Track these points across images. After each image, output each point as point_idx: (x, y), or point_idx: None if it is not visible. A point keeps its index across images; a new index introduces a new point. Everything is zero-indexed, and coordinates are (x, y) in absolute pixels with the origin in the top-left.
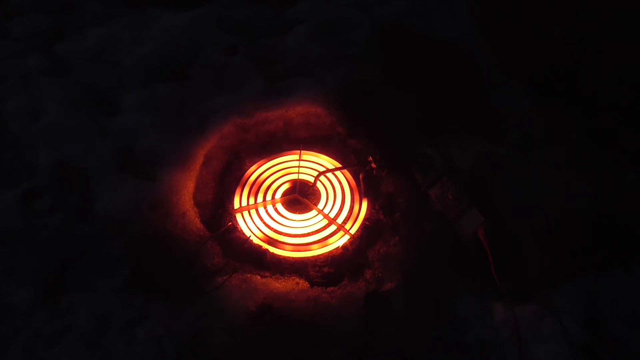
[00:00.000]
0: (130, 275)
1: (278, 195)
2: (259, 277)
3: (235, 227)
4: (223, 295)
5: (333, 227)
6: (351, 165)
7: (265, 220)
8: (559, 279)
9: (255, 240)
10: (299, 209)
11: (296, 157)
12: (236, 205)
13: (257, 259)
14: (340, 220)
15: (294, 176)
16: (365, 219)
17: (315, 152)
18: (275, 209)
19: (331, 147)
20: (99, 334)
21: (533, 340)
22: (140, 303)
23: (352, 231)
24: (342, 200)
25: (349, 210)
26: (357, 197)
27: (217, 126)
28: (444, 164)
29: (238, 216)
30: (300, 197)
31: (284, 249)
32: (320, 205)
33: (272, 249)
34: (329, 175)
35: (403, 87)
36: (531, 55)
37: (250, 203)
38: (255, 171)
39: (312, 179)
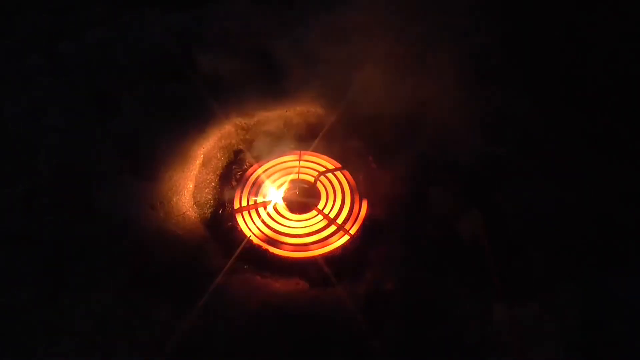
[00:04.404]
0: (130, 275)
1: (278, 195)
2: (259, 277)
3: (235, 227)
4: (223, 295)
5: (333, 227)
6: (351, 165)
7: (265, 220)
8: (559, 279)
9: (255, 240)
10: (299, 209)
11: (296, 157)
12: (236, 205)
13: (257, 259)
14: (340, 220)
15: (294, 176)
16: (365, 219)
17: (315, 152)
18: (275, 209)
19: (331, 147)
20: (99, 334)
21: (533, 339)
22: (140, 303)
23: (352, 231)
24: (342, 201)
25: (349, 210)
26: (357, 197)
27: (217, 126)
28: (444, 164)
29: (238, 216)
30: (301, 197)
31: (284, 249)
32: (320, 206)
33: (272, 249)
34: (329, 175)
35: (404, 86)
36: (531, 56)
37: (250, 203)
38: (256, 171)
39: (312, 179)
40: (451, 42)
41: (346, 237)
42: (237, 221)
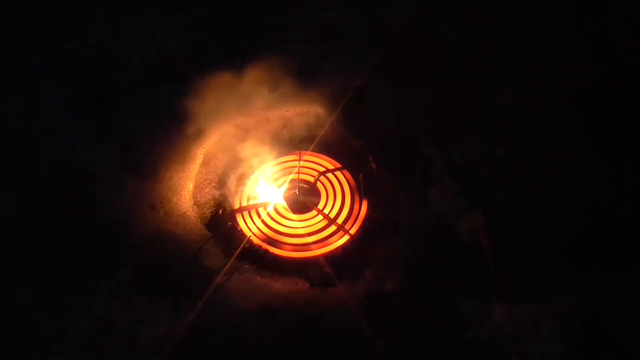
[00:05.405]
0: (130, 275)
1: (278, 195)
2: (259, 277)
3: (235, 227)
4: (223, 295)
5: (333, 227)
6: (351, 165)
7: (265, 220)
8: (559, 279)
9: (255, 240)
10: (299, 209)
11: (296, 157)
12: (236, 205)
13: (257, 259)
14: (340, 220)
15: (294, 176)
16: (365, 219)
17: (315, 152)
18: (276, 209)
19: (331, 147)
20: (99, 334)
21: (533, 340)
22: (140, 303)
23: (352, 231)
24: (342, 201)
25: (349, 210)
26: (357, 197)
27: (216, 126)
28: (444, 164)
29: (238, 216)
30: (301, 197)
31: (284, 249)
32: (320, 206)
33: (272, 249)
34: (329, 175)
35: (404, 87)
36: (531, 56)
37: (250, 203)
38: (256, 171)
39: (312, 179)
40: (450, 42)
41: (346, 237)
42: (237, 221)
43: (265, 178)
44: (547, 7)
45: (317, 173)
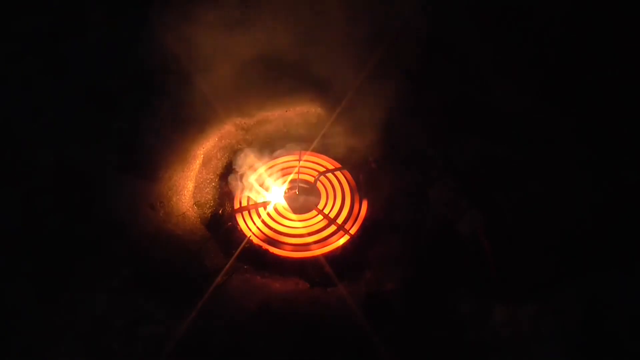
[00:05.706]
0: (130, 275)
1: (279, 195)
2: (259, 277)
3: (235, 227)
4: (223, 295)
5: (333, 227)
6: (351, 165)
7: (265, 220)
8: (559, 279)
9: (255, 240)
10: (299, 209)
11: (296, 157)
12: (236, 205)
13: (257, 259)
14: (340, 220)
15: (294, 176)
16: (365, 219)
17: (315, 152)
18: (276, 209)
19: (331, 147)
20: (99, 334)
21: (533, 339)
22: (140, 303)
23: (352, 231)
24: (342, 201)
25: (349, 210)
26: (357, 197)
27: (216, 126)
28: (444, 164)
29: (238, 216)
30: (301, 197)
31: (284, 249)
32: (320, 206)
33: (272, 249)
34: (329, 175)
35: (403, 87)
36: (531, 56)
37: (250, 203)
38: (256, 171)
39: (312, 179)
40: (450, 43)
41: (346, 237)
42: (237, 221)
43: (265, 178)
44: (547, 8)
45: (317, 173)
